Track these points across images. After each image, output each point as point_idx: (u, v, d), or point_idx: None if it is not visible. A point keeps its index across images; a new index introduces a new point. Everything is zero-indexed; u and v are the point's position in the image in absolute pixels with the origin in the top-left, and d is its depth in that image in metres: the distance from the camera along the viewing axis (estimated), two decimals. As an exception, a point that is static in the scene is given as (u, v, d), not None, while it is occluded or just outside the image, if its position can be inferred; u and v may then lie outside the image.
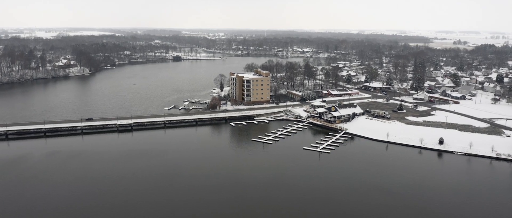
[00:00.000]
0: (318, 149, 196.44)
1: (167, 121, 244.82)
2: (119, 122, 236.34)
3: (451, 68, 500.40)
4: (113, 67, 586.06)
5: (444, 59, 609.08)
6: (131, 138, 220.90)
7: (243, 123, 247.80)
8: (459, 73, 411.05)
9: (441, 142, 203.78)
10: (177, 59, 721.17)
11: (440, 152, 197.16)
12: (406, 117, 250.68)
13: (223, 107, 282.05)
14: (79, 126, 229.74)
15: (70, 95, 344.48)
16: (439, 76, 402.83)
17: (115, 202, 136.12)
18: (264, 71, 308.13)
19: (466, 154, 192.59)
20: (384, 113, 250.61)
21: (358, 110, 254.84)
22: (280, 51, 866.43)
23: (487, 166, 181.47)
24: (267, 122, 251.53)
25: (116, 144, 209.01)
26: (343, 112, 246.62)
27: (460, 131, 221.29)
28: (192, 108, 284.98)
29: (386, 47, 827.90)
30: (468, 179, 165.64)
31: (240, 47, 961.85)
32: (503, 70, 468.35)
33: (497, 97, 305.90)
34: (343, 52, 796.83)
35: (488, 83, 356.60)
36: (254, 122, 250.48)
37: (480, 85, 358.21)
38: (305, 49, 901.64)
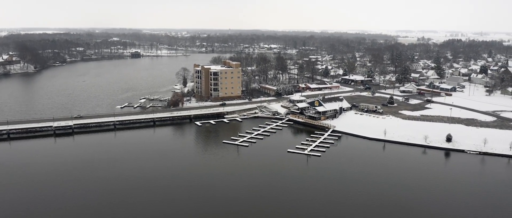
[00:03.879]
0: (305, 152, 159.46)
1: (117, 121, 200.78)
2: (56, 124, 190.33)
3: (428, 61, 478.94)
4: (62, 64, 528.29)
5: (417, 53, 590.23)
6: (72, 143, 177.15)
7: (211, 121, 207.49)
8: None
9: (449, 139, 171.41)
10: (135, 56, 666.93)
11: (448, 151, 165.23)
12: (400, 111, 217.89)
13: (186, 105, 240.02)
14: (5, 130, 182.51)
15: (3, 94, 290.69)
16: (419, 69, 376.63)
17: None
18: (234, 62, 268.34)
19: (480, 153, 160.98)
20: (376, 107, 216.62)
21: (344, 104, 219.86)
22: (247, 48, 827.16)
23: (508, 166, 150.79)
24: (240, 120, 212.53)
25: (51, 151, 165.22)
26: (329, 106, 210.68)
27: (467, 126, 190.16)
28: (150, 106, 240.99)
29: (354, 42, 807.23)
30: (489, 182, 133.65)
31: (204, 44, 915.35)
32: (480, 63, 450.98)
33: (489, 88, 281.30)
34: (312, 48, 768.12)
35: (475, 75, 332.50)
36: (224, 120, 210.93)
37: (467, 77, 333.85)
38: (272, 46, 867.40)
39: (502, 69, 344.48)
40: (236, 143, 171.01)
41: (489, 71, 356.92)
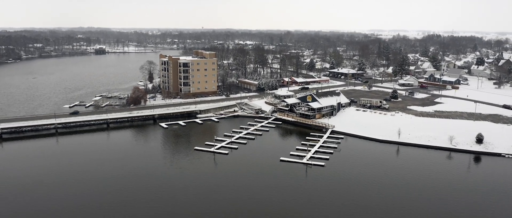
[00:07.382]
0: (304, 160, 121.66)
1: (60, 123, 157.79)
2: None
3: (416, 55, 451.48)
4: (16, 61, 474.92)
5: (402, 48, 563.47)
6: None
7: (180, 123, 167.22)
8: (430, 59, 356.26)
9: (479, 140, 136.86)
10: (100, 52, 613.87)
11: (479, 155, 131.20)
12: (408, 107, 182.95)
13: (151, 102, 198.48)
14: None
15: None
16: (413, 60, 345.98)
17: None
18: (208, 52, 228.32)
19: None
20: (381, 103, 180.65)
21: (343, 99, 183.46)
22: (221, 44, 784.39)
23: None
24: (216, 120, 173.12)
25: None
26: (325, 102, 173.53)
27: (495, 123, 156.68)
28: (105, 105, 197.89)
29: (334, 38, 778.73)
30: None
31: (176, 40, 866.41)
32: (470, 56, 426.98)
33: (497, 80, 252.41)
34: (290, 44, 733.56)
35: (476, 66, 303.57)
36: (197, 121, 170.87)
37: (466, 70, 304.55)
38: (248, 42, 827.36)
39: (502, 60, 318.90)
40: (212, 149, 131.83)
41: (485, 64, 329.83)
